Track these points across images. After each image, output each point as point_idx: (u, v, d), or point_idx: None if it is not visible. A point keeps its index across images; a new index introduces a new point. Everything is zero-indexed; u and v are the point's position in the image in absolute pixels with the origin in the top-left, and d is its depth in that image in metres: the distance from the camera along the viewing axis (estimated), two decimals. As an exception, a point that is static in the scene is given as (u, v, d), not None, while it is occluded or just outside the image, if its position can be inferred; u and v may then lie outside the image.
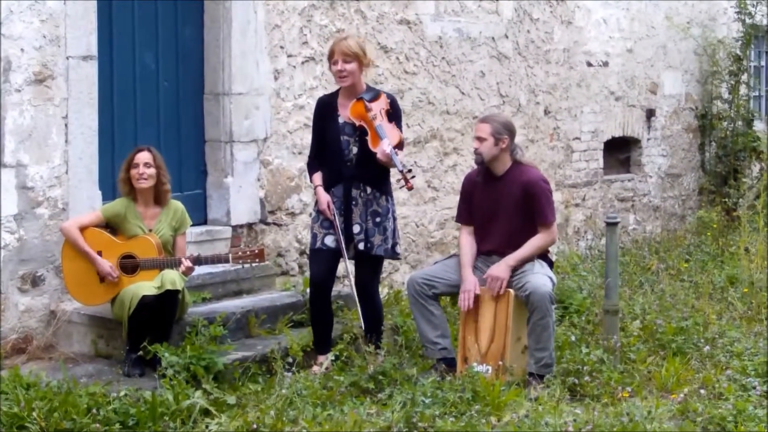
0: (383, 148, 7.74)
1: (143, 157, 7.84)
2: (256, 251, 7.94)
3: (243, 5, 9.25)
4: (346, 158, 7.93)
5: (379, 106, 7.90)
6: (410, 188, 7.86)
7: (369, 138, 7.83)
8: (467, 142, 10.90)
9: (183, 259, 7.77)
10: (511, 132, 8.00)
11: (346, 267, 7.94)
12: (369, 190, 7.94)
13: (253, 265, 8.12)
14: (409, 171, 7.86)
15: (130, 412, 6.66)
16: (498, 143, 7.95)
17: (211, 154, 9.37)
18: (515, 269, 7.88)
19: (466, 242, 8.14)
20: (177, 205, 8.06)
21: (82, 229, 7.83)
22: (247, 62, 9.32)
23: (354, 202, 7.93)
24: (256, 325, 8.41)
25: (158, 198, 7.96)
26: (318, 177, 8.00)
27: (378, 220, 7.95)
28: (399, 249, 8.20)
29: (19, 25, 7.87)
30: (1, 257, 7.86)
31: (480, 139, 7.97)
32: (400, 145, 7.96)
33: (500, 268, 7.86)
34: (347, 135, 7.93)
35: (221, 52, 9.23)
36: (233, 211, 9.32)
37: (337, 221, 7.86)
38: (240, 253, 7.99)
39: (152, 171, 7.85)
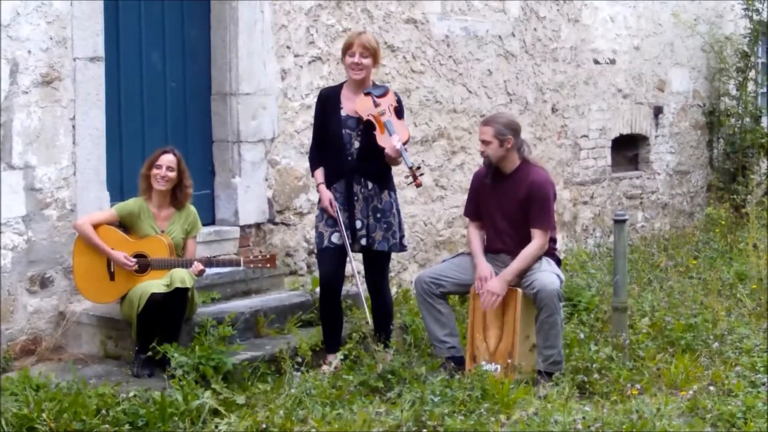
0: (393, 143, 7.73)
1: (167, 159, 7.87)
2: (268, 257, 7.95)
3: (249, 5, 9.26)
4: (348, 152, 7.93)
5: (387, 102, 7.91)
6: (419, 185, 7.86)
7: (377, 133, 7.83)
8: (475, 141, 10.88)
9: (194, 261, 7.78)
10: (514, 130, 7.98)
11: (351, 264, 7.94)
12: (370, 185, 7.93)
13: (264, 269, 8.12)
14: (418, 168, 7.86)
15: (140, 412, 6.67)
16: (503, 144, 7.93)
17: (219, 155, 9.38)
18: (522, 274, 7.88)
19: (475, 234, 8.14)
20: (190, 209, 8.08)
21: (96, 226, 7.86)
22: (253, 62, 9.33)
23: (356, 198, 7.93)
24: (265, 324, 8.42)
25: (176, 200, 7.98)
26: (320, 174, 8.01)
27: (379, 215, 7.95)
28: (406, 242, 8.20)
29: (26, 27, 7.88)
30: (8, 259, 7.88)
31: (485, 143, 7.97)
32: (405, 142, 7.98)
33: (496, 284, 7.83)
34: (349, 129, 7.93)
35: (228, 52, 9.24)
36: (241, 211, 9.33)
37: (341, 217, 7.87)
38: (252, 257, 8.00)
39: (173, 174, 7.88)
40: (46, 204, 8.05)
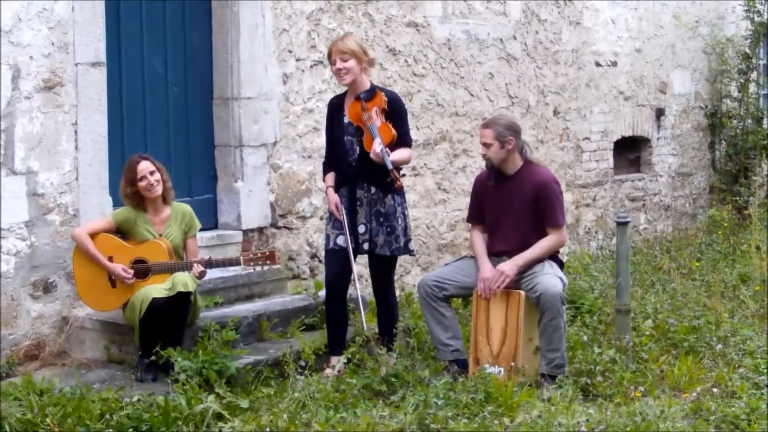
0: (374, 147, 7.77)
1: (146, 167, 7.83)
2: (267, 253, 7.96)
3: (251, 9, 9.26)
4: (350, 158, 7.97)
5: (374, 106, 7.92)
6: (399, 186, 7.88)
7: (364, 138, 7.88)
8: (477, 144, 10.86)
9: (195, 263, 7.78)
10: (515, 132, 8.00)
11: (352, 267, 7.95)
12: (373, 190, 7.95)
13: (265, 268, 8.11)
14: (399, 169, 7.88)
15: (144, 417, 6.67)
16: (504, 146, 7.95)
17: (221, 159, 9.38)
18: (524, 269, 7.88)
19: (478, 237, 8.16)
20: (185, 209, 8.06)
21: (93, 235, 7.85)
22: (255, 66, 9.33)
23: (359, 203, 7.96)
24: (268, 328, 8.42)
25: (164, 198, 7.96)
26: (329, 178, 8.06)
27: (382, 219, 7.96)
28: (412, 246, 8.21)
29: (28, 33, 7.89)
30: (11, 264, 7.88)
31: (486, 145, 7.99)
32: (407, 143, 8.00)
33: (508, 265, 7.87)
34: (350, 135, 7.97)
35: (230, 56, 9.24)
36: (244, 215, 9.33)
37: (346, 221, 7.89)
38: (251, 255, 8.00)
39: (158, 176, 7.87)
40: (49, 209, 8.06)
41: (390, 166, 7.76)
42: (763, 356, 8.23)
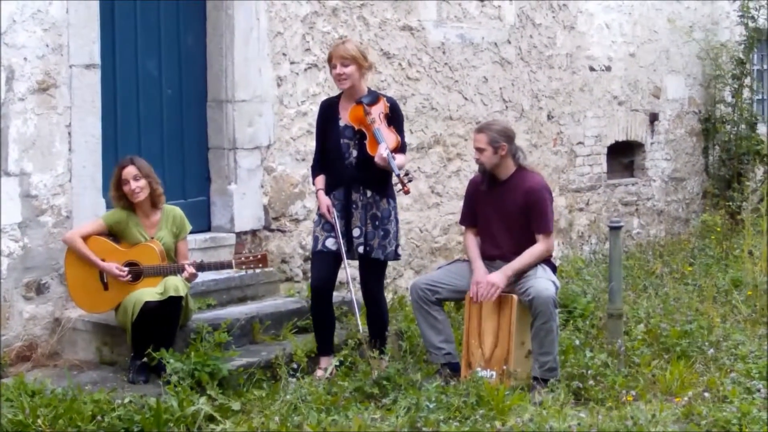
0: (380, 152, 7.75)
1: (130, 171, 7.80)
2: (259, 256, 7.95)
3: (245, 12, 9.27)
4: (346, 161, 7.95)
5: (377, 110, 7.91)
6: (407, 192, 7.85)
7: (367, 142, 7.86)
8: (470, 148, 10.86)
9: (186, 266, 7.77)
10: (508, 137, 8.00)
11: (346, 270, 7.94)
12: (369, 193, 7.95)
13: (257, 270, 8.10)
14: (407, 175, 7.85)
15: (135, 418, 6.67)
16: (497, 151, 7.96)
17: (215, 162, 9.38)
18: (514, 278, 7.89)
19: (472, 241, 8.17)
20: (176, 211, 8.05)
21: (85, 238, 7.84)
22: (249, 69, 9.34)
23: (354, 206, 7.95)
24: (261, 331, 8.42)
25: (154, 203, 7.96)
26: (320, 180, 8.03)
27: (378, 223, 7.96)
28: (400, 250, 8.21)
29: (22, 35, 7.89)
30: (3, 265, 7.88)
31: (479, 150, 8.00)
32: (402, 149, 7.98)
33: (497, 276, 7.86)
34: (347, 138, 7.95)
35: (224, 59, 9.25)
36: (237, 217, 9.33)
37: (338, 224, 7.88)
38: (243, 258, 8.00)
39: (143, 182, 7.81)
40: (42, 211, 8.06)
41: (397, 171, 7.74)
42: (754, 361, 8.24)
